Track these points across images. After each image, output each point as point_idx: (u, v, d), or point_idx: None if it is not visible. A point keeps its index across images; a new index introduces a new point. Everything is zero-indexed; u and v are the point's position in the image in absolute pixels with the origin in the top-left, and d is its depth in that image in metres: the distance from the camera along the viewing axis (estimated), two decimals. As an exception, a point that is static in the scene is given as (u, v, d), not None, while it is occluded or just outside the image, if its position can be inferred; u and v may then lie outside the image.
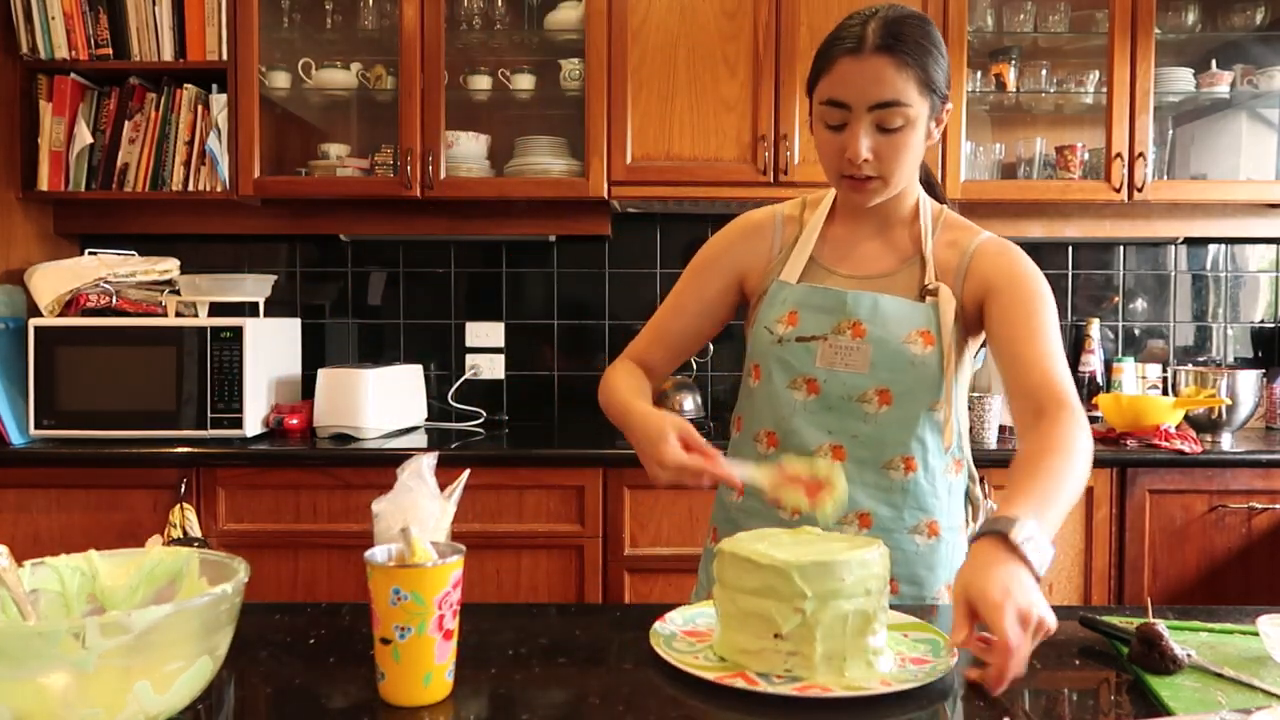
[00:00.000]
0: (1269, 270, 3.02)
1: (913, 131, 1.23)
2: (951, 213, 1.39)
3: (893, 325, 1.28)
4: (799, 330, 1.32)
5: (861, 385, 1.29)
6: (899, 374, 1.28)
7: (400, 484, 1.03)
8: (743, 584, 0.95)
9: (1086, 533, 2.40)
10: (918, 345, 1.28)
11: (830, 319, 1.31)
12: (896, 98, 1.20)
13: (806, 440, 1.31)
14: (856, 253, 1.36)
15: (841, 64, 1.22)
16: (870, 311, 1.29)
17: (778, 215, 1.42)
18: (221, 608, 0.84)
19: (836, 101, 1.23)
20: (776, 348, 1.34)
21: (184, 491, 2.35)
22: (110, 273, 2.59)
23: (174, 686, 0.81)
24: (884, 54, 1.20)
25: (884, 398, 1.29)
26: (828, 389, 1.30)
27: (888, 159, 1.24)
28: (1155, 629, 0.95)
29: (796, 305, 1.33)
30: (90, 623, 0.74)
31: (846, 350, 1.30)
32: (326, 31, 2.78)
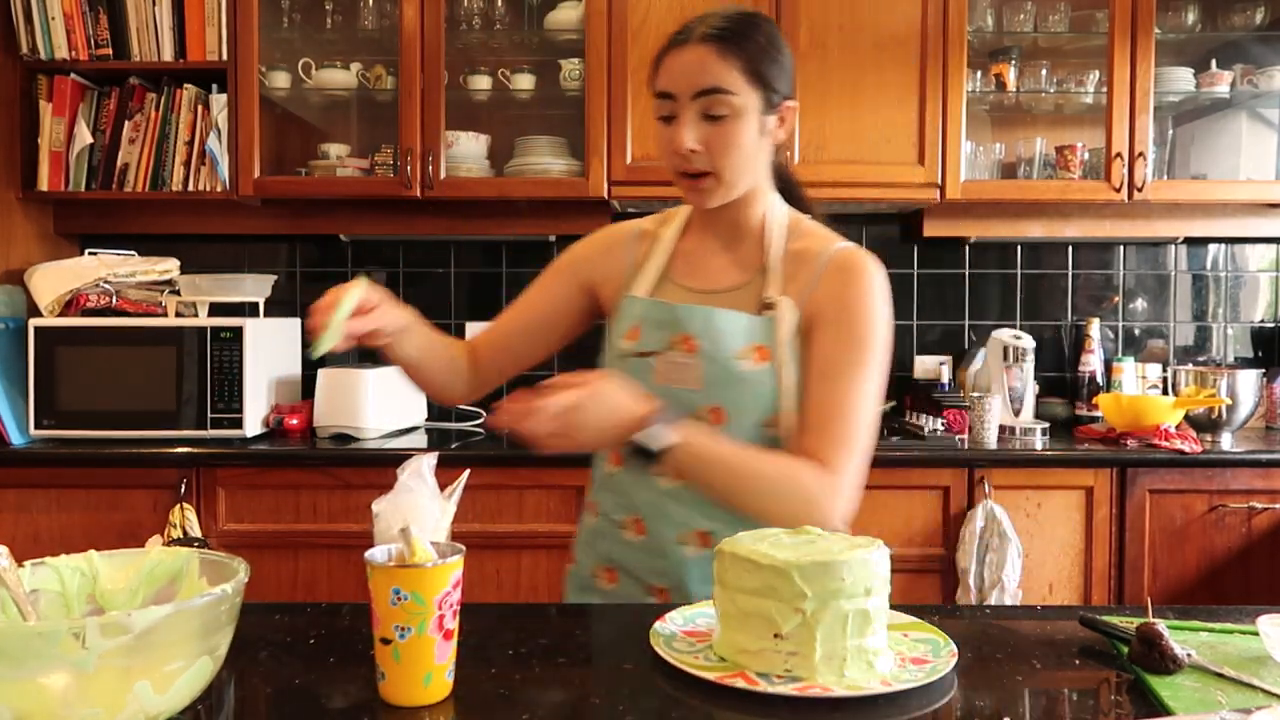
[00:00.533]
0: (1269, 270, 3.02)
1: (741, 123, 1.21)
2: (808, 220, 1.36)
3: (724, 340, 1.25)
4: (638, 345, 1.30)
5: (695, 402, 1.25)
6: (730, 390, 1.24)
7: (400, 484, 1.03)
8: (743, 584, 0.95)
9: (1086, 533, 2.40)
10: (749, 361, 1.24)
11: (665, 334, 1.28)
12: (718, 84, 1.20)
13: None
14: (706, 266, 1.34)
15: (669, 56, 1.23)
16: (702, 326, 1.26)
17: (634, 230, 1.40)
18: (222, 608, 0.84)
19: (664, 93, 1.23)
20: (619, 362, 1.32)
21: (184, 492, 2.35)
22: (110, 273, 2.59)
23: (174, 687, 0.80)
24: (707, 43, 1.20)
25: (716, 415, 1.25)
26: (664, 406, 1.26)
27: (717, 151, 1.22)
28: (1155, 629, 0.95)
29: (639, 320, 1.31)
30: (91, 623, 0.74)
31: (680, 366, 1.27)
32: (326, 31, 2.78)
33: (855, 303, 1.25)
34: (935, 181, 2.62)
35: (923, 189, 2.63)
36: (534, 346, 1.42)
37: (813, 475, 1.17)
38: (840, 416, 1.21)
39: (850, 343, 1.24)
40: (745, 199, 1.30)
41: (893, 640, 1.00)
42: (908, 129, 2.62)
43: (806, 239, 1.31)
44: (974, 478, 2.38)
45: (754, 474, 1.16)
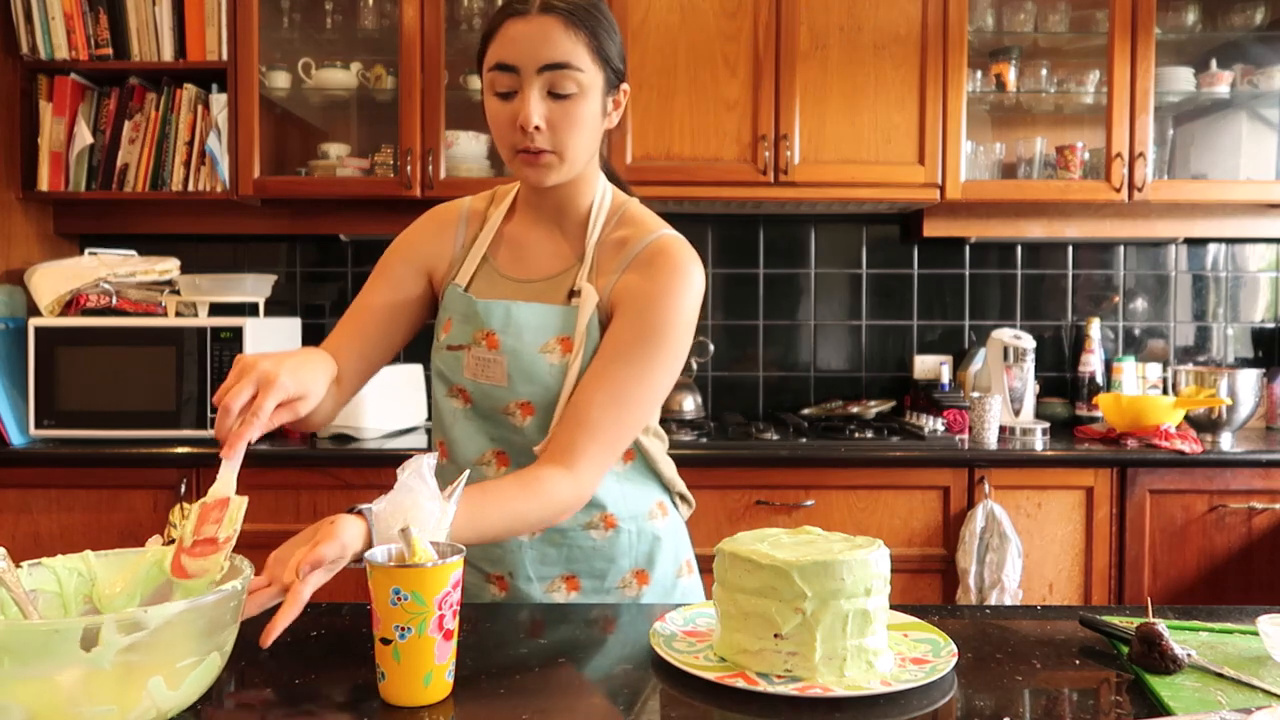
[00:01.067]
0: (1269, 270, 3.02)
1: (586, 102, 1.17)
2: (638, 207, 1.31)
3: (527, 335, 1.22)
4: (449, 338, 1.27)
5: (504, 398, 1.23)
6: (537, 385, 1.21)
7: (400, 484, 1.03)
8: (743, 584, 0.95)
9: (1086, 533, 2.40)
10: (554, 354, 1.21)
11: (470, 328, 1.25)
12: (567, 59, 1.15)
13: (469, 449, 1.27)
14: (528, 254, 1.29)
15: (509, 26, 1.16)
16: (503, 322, 1.23)
17: (463, 209, 1.35)
18: (231, 604, 0.84)
19: (505, 65, 1.16)
20: (435, 355, 1.30)
21: (184, 491, 2.35)
22: (110, 273, 2.59)
23: (186, 682, 0.81)
24: (552, 14, 1.15)
25: (526, 409, 1.23)
26: (476, 400, 1.26)
27: (561, 129, 1.17)
28: (1155, 629, 0.95)
29: (452, 312, 1.28)
30: (107, 619, 0.74)
31: (486, 362, 1.24)
32: (326, 31, 2.78)
33: (656, 293, 1.20)
34: (935, 181, 2.62)
35: (923, 189, 2.63)
36: (386, 346, 1.32)
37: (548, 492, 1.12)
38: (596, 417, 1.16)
39: (639, 332, 1.19)
40: (576, 182, 1.26)
41: (893, 640, 1.00)
42: (908, 129, 2.62)
43: (629, 226, 1.27)
44: (974, 478, 2.38)
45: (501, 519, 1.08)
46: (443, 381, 1.29)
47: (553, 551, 1.28)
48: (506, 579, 1.29)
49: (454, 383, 1.28)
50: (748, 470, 2.37)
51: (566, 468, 1.14)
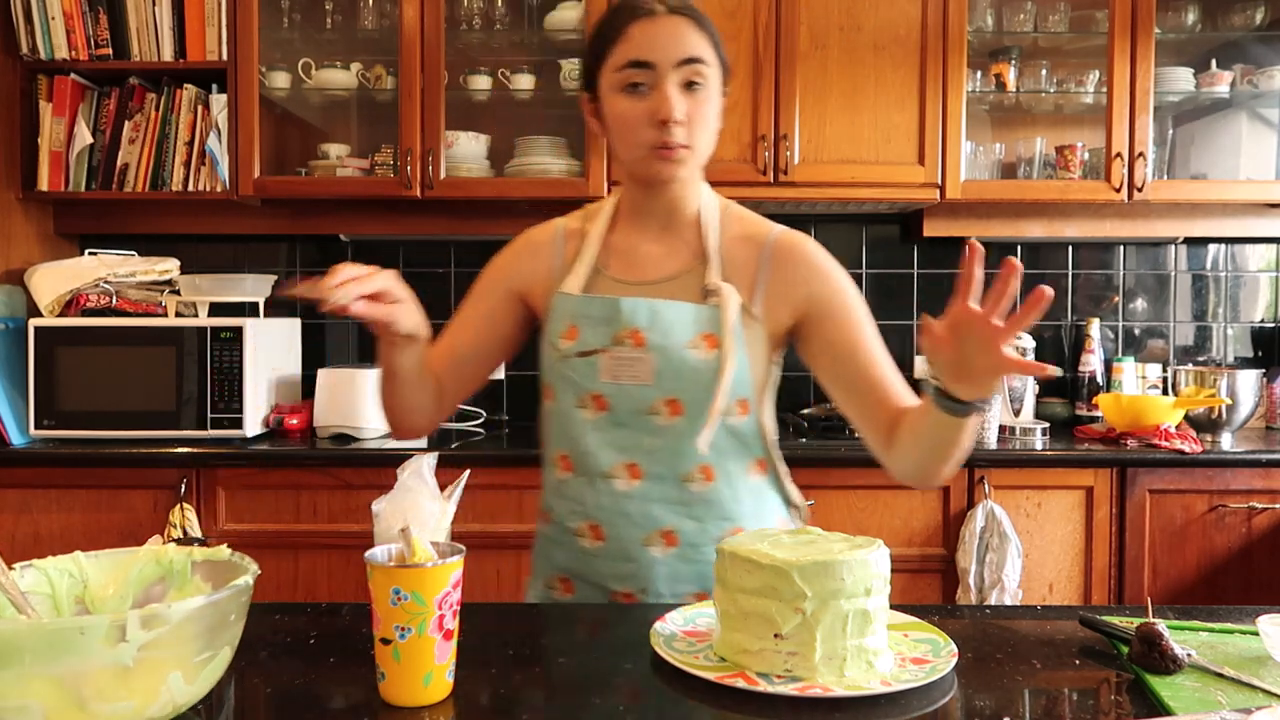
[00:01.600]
0: (1269, 270, 3.02)
1: (712, 97, 1.22)
2: (736, 205, 1.34)
3: (673, 331, 1.23)
4: (578, 344, 1.26)
5: (649, 397, 1.23)
6: (685, 382, 1.22)
7: (400, 484, 1.03)
8: (743, 584, 0.95)
9: (1086, 533, 2.40)
10: (701, 350, 1.22)
11: (608, 330, 1.25)
12: (701, 55, 1.19)
13: (600, 461, 1.25)
14: (641, 258, 1.30)
15: (637, 28, 1.20)
16: (648, 319, 1.23)
17: (558, 230, 1.36)
18: (242, 599, 0.85)
19: (641, 61, 1.19)
20: (561, 365, 1.27)
21: (184, 492, 2.35)
22: (110, 273, 2.59)
23: (201, 676, 0.82)
24: (680, 14, 1.20)
25: (674, 408, 1.23)
26: (615, 404, 1.24)
27: (695, 122, 1.21)
28: (1155, 629, 0.95)
29: (574, 319, 1.27)
30: (131, 615, 0.75)
31: (629, 361, 1.23)
32: (326, 31, 2.78)
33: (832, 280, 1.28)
34: (935, 181, 2.62)
35: (923, 189, 2.62)
36: (482, 366, 1.37)
37: None
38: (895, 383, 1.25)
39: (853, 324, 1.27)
40: (686, 182, 1.28)
41: (893, 640, 1.00)
42: (908, 129, 2.62)
43: (741, 224, 1.31)
44: (974, 477, 2.38)
45: None
46: (571, 390, 1.27)
47: (685, 569, 1.25)
48: (637, 596, 1.26)
49: (587, 390, 1.26)
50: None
51: None
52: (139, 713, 0.78)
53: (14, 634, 0.75)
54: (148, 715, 0.78)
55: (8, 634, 0.74)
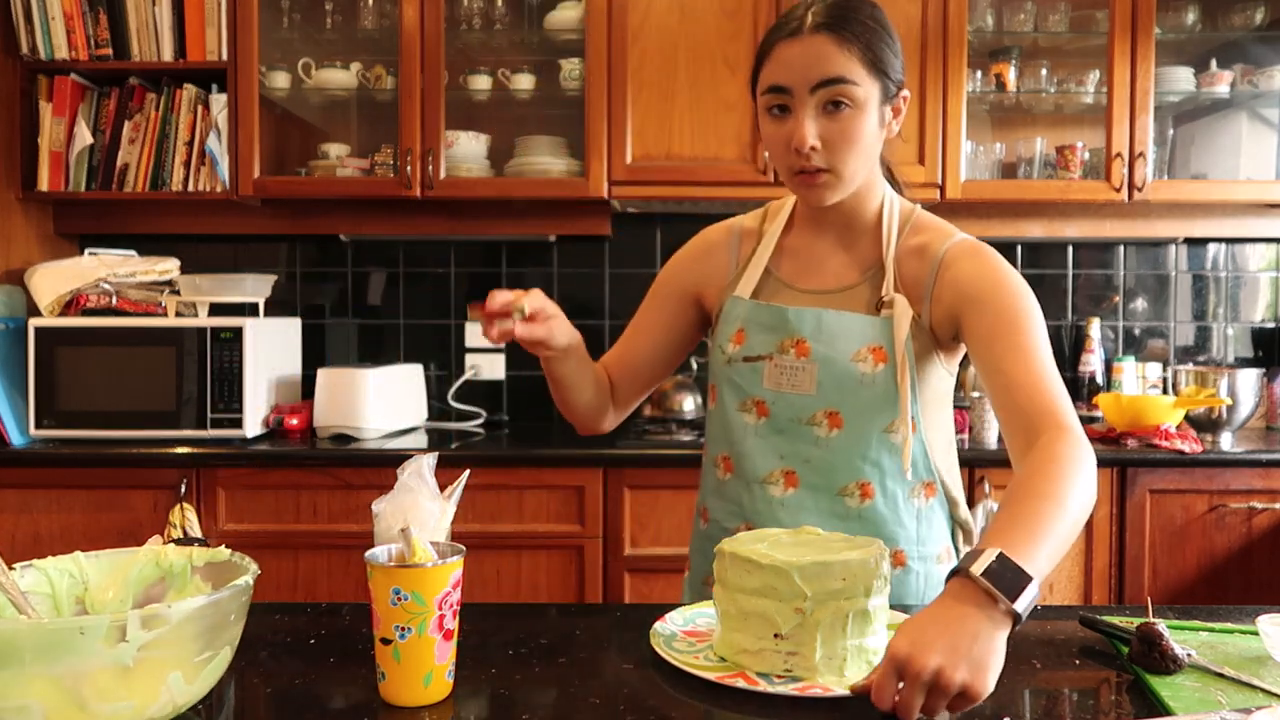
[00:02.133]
0: (1269, 270, 3.02)
1: (862, 116, 1.15)
2: (924, 213, 1.29)
3: (840, 342, 1.21)
4: (745, 349, 1.26)
5: (810, 407, 1.22)
6: (848, 394, 1.20)
7: (400, 484, 1.03)
8: (743, 584, 0.95)
9: (1086, 532, 2.40)
10: (867, 363, 1.20)
11: (774, 337, 1.24)
12: (840, 74, 1.12)
13: (758, 465, 1.25)
14: (816, 265, 1.28)
15: (780, 48, 1.15)
16: (814, 328, 1.22)
17: (735, 230, 1.35)
18: (242, 599, 0.85)
19: (778, 87, 1.15)
20: (726, 368, 1.28)
21: (184, 492, 2.35)
22: (110, 273, 2.59)
23: (201, 676, 0.82)
24: (823, 31, 1.13)
25: (834, 420, 1.21)
26: (776, 411, 1.24)
27: (837, 146, 1.15)
28: (1155, 629, 0.95)
29: (744, 323, 1.27)
30: (131, 615, 0.75)
31: (792, 370, 1.22)
32: (326, 31, 2.78)
33: (992, 276, 1.18)
34: (935, 181, 2.62)
35: (923, 189, 2.62)
36: (658, 369, 1.39)
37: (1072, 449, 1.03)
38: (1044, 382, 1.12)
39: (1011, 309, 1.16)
40: (860, 193, 1.23)
41: None
42: (907, 129, 2.62)
43: (924, 234, 1.25)
44: (974, 477, 2.38)
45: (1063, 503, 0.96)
46: (735, 394, 1.27)
47: None
48: None
49: (750, 394, 1.25)
50: (748, 470, 2.37)
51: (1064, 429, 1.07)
52: (139, 713, 0.78)
53: (14, 634, 0.75)
54: (148, 715, 0.79)
55: (8, 634, 0.74)
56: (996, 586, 0.84)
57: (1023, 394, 1.11)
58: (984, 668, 0.81)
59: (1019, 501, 0.96)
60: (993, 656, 0.82)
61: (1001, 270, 1.20)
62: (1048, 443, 1.04)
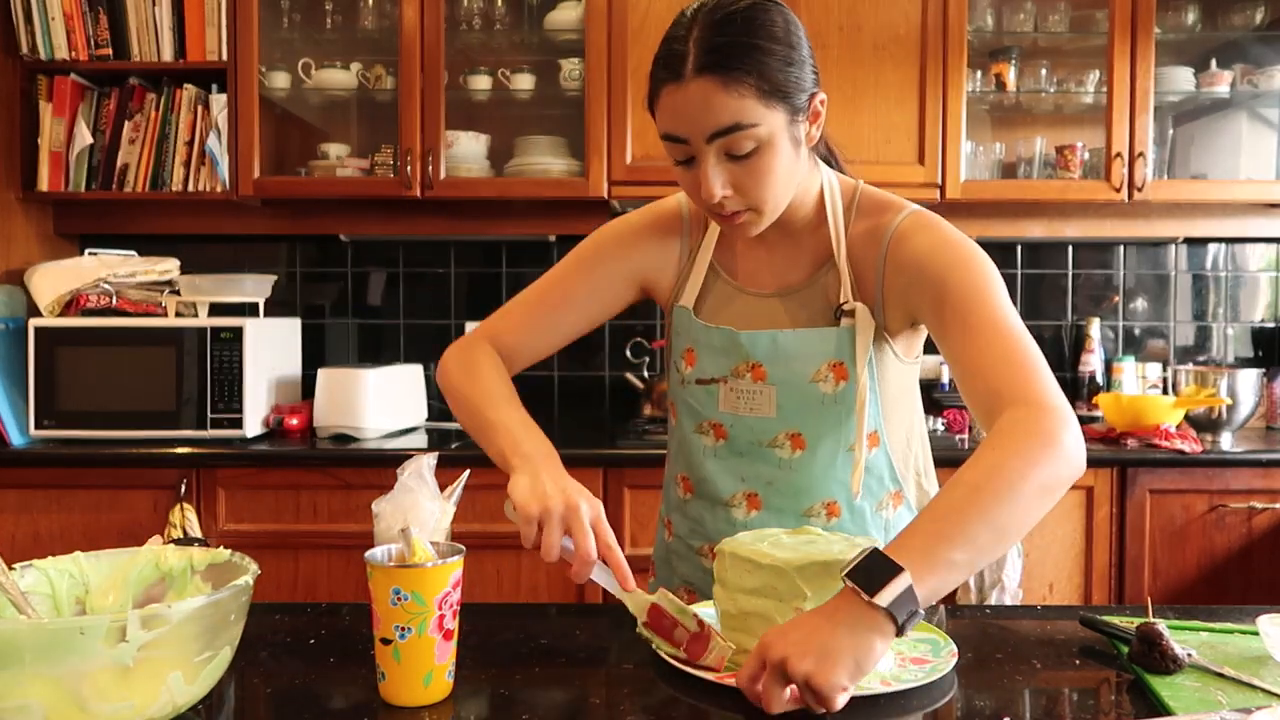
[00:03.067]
0: (1269, 270, 3.02)
1: (771, 151, 1.04)
2: (868, 189, 1.19)
3: (797, 363, 1.14)
4: (698, 372, 1.20)
5: (770, 430, 1.16)
6: (810, 415, 1.15)
7: (400, 484, 1.03)
8: (743, 584, 0.95)
9: (1086, 533, 2.40)
10: (828, 383, 1.14)
11: (728, 360, 1.18)
12: (735, 121, 1.01)
13: (720, 488, 1.21)
14: (764, 261, 1.20)
15: (666, 94, 1.04)
16: (769, 351, 1.15)
17: (685, 214, 1.25)
18: (243, 598, 0.85)
19: (673, 136, 1.05)
20: (681, 389, 1.22)
21: (184, 492, 2.35)
22: (110, 273, 2.59)
23: (201, 676, 0.82)
24: (708, 75, 1.00)
25: (796, 441, 1.16)
26: (735, 434, 1.18)
27: (749, 188, 1.05)
28: (1155, 629, 0.95)
29: (693, 343, 1.21)
30: (131, 615, 0.75)
31: (749, 394, 1.16)
32: (326, 31, 2.78)
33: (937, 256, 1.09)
34: (935, 181, 2.62)
35: (923, 189, 2.62)
36: (570, 339, 1.29)
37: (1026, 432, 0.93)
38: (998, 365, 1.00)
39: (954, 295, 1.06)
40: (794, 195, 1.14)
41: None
42: (908, 129, 2.62)
43: (873, 215, 1.16)
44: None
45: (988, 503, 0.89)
46: (692, 416, 1.22)
47: None
48: None
49: (706, 417, 1.21)
50: (748, 470, 2.37)
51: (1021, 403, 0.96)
52: (139, 713, 0.78)
53: (14, 634, 0.75)
54: (148, 715, 0.78)
55: (8, 634, 0.74)
56: (858, 582, 0.83)
57: (979, 379, 1.01)
58: (833, 661, 0.80)
59: (939, 495, 0.92)
60: (851, 652, 0.81)
61: (949, 244, 1.10)
62: (997, 426, 0.96)
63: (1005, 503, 0.89)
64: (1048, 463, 0.92)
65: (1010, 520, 0.90)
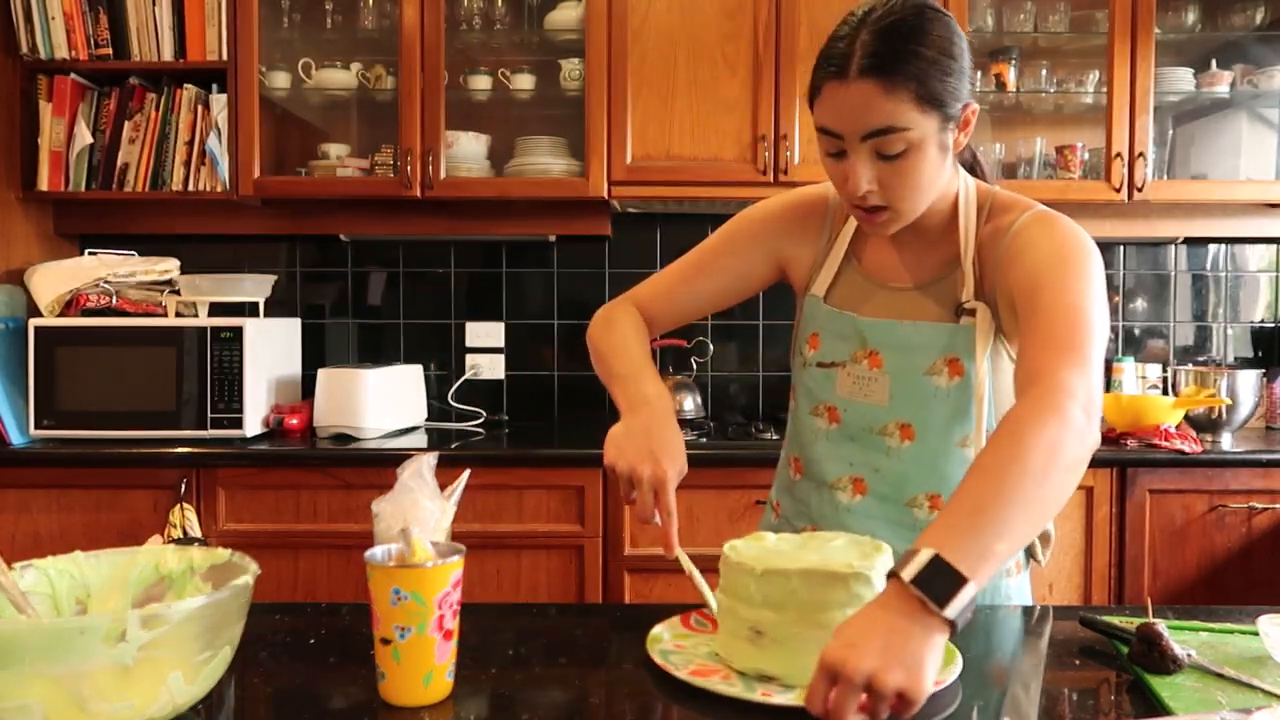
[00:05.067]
0: (1269, 270, 3.02)
1: (920, 154, 1.08)
2: (1003, 192, 1.24)
3: (914, 355, 1.18)
4: (819, 355, 1.25)
5: (881, 418, 1.20)
6: (920, 408, 1.18)
7: (400, 484, 1.03)
8: (740, 590, 0.95)
9: (1086, 533, 2.40)
10: (942, 377, 1.17)
11: (848, 346, 1.22)
12: (890, 124, 1.06)
13: (826, 471, 1.24)
14: (896, 256, 1.24)
15: (828, 90, 1.08)
16: (887, 339, 1.19)
17: (831, 202, 1.29)
18: (242, 599, 0.86)
19: (828, 130, 1.10)
20: (802, 371, 1.27)
21: (184, 492, 2.35)
22: (110, 273, 2.59)
23: (201, 676, 0.82)
24: (870, 77, 1.04)
25: (905, 432, 1.19)
26: (847, 419, 1.22)
27: (894, 188, 1.10)
28: (1155, 629, 0.95)
29: (819, 328, 1.25)
30: (131, 615, 0.75)
31: (864, 380, 1.21)
32: (326, 31, 2.78)
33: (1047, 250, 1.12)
34: (935, 181, 2.62)
35: (923, 189, 2.62)
36: (708, 311, 1.35)
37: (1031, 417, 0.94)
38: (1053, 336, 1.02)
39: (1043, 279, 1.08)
40: None
41: None
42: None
43: (1000, 215, 1.20)
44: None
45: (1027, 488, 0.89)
46: (809, 398, 1.26)
47: None
48: None
49: (822, 400, 1.25)
50: (748, 470, 2.37)
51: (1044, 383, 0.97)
52: (139, 713, 0.78)
53: (14, 634, 0.75)
54: (148, 715, 0.78)
55: (8, 634, 0.74)
56: (927, 594, 0.81)
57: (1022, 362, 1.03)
58: (920, 671, 0.78)
59: (965, 486, 0.90)
60: (927, 661, 0.79)
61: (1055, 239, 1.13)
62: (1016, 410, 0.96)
63: (1038, 485, 0.89)
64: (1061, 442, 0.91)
65: (1044, 502, 0.90)
